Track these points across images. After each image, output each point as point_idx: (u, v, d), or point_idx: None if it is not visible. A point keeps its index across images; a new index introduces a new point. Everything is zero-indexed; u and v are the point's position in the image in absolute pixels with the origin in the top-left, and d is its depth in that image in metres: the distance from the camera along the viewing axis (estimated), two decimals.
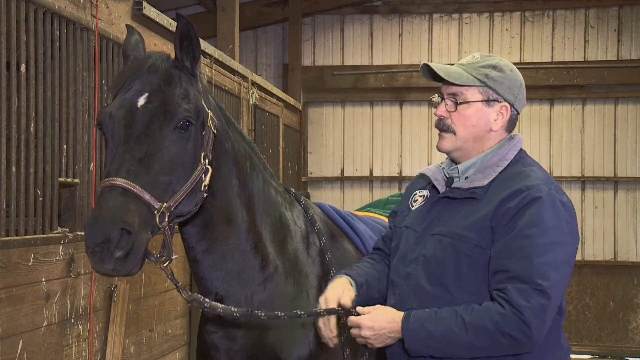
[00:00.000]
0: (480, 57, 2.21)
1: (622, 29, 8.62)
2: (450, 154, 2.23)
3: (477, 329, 1.94)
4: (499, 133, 2.19)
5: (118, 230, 1.79)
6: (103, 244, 1.78)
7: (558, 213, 2.01)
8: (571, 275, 2.10)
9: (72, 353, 3.36)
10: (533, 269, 1.93)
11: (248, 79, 6.37)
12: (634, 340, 8.37)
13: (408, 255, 2.19)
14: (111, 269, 1.82)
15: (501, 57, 2.25)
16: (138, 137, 1.97)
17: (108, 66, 3.75)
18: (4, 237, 2.89)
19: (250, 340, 2.39)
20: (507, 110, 2.18)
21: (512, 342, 1.92)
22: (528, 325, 1.90)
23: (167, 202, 1.96)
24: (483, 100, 2.16)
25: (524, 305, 1.90)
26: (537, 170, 2.13)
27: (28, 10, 3.07)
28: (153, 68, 2.08)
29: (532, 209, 1.99)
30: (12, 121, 2.98)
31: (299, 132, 8.91)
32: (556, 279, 1.94)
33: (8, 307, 2.86)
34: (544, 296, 1.91)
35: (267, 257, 2.43)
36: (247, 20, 8.62)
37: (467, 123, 2.16)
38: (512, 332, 1.91)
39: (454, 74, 2.15)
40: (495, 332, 1.92)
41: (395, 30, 9.07)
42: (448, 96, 2.19)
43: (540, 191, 2.01)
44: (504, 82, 2.17)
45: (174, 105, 2.03)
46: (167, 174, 1.98)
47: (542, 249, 1.95)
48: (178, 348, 4.74)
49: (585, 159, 8.65)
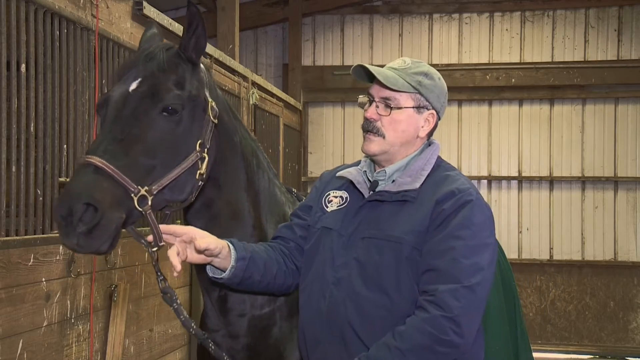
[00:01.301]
0: (412, 63, 2.22)
1: (623, 28, 8.62)
2: (376, 156, 2.22)
3: (416, 351, 1.92)
4: (422, 139, 2.24)
5: (82, 205, 1.78)
6: (67, 217, 1.78)
7: (485, 216, 2.07)
8: (571, 275, 2.12)
9: (72, 353, 3.36)
10: (464, 269, 1.95)
11: (248, 79, 6.37)
12: (634, 340, 8.37)
13: (336, 260, 2.14)
14: (75, 244, 1.81)
15: (428, 65, 2.27)
16: (122, 119, 1.98)
17: (108, 66, 3.76)
18: (4, 237, 2.90)
19: (252, 339, 2.39)
20: (434, 118, 2.22)
21: (449, 348, 1.91)
22: (459, 325, 1.90)
23: (148, 185, 1.94)
24: (414, 106, 2.18)
25: (455, 305, 1.90)
26: (460, 175, 2.19)
27: (28, 10, 3.07)
28: (151, 56, 2.10)
29: (465, 211, 2.02)
30: (12, 121, 2.98)
31: (299, 132, 8.92)
32: (484, 280, 1.98)
33: (8, 307, 2.86)
34: (474, 295, 1.93)
35: None
36: (247, 20, 8.63)
37: (397, 128, 2.17)
38: (447, 336, 1.90)
39: (391, 79, 2.16)
40: (433, 344, 1.91)
41: (395, 30, 9.07)
42: (380, 99, 2.19)
43: (471, 195, 2.06)
44: (434, 91, 2.20)
45: (163, 90, 2.04)
46: (149, 158, 1.96)
47: (472, 250, 1.98)
48: (178, 348, 4.74)
49: (586, 159, 8.65)
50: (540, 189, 8.74)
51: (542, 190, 8.73)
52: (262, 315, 2.39)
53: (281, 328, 2.42)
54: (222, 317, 2.38)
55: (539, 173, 8.74)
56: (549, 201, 8.70)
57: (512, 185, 8.81)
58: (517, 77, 8.69)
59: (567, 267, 8.52)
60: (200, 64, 2.22)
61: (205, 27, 2.12)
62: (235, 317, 2.37)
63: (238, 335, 2.39)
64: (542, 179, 8.71)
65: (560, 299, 8.51)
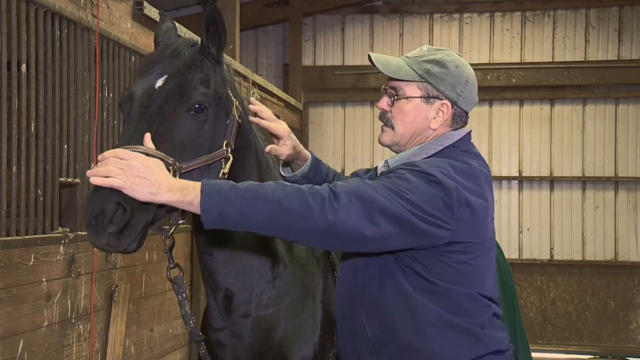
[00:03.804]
0: (428, 51, 2.13)
1: (623, 28, 8.62)
2: (390, 148, 2.20)
3: (290, 197, 1.78)
4: (439, 131, 2.14)
5: (113, 204, 1.76)
6: (97, 217, 1.77)
7: (425, 183, 1.89)
8: (572, 275, 2.10)
9: (73, 353, 3.36)
10: (374, 188, 1.86)
11: (249, 79, 6.37)
12: (634, 341, 8.37)
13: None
14: (105, 243, 1.79)
15: (451, 52, 2.16)
16: (150, 116, 1.96)
17: (109, 66, 3.76)
18: (5, 237, 2.90)
19: (256, 339, 2.39)
20: (448, 108, 2.11)
21: (318, 209, 1.76)
22: (337, 197, 1.78)
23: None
24: (422, 96, 2.09)
25: (342, 188, 1.81)
26: (448, 166, 1.98)
27: (29, 10, 3.07)
28: (176, 52, 2.08)
29: (404, 170, 1.94)
30: (13, 121, 2.98)
31: (300, 132, 8.91)
32: (382, 208, 1.82)
33: (9, 306, 2.86)
34: (365, 198, 1.81)
35: (277, 255, 2.43)
36: (248, 20, 8.62)
37: (405, 119, 2.11)
38: (321, 199, 1.77)
39: (392, 67, 2.09)
40: (307, 196, 1.77)
41: (395, 30, 9.07)
42: (389, 90, 2.14)
43: (417, 166, 1.94)
44: (445, 79, 2.09)
45: (191, 88, 2.03)
46: (177, 156, 1.95)
47: (390, 189, 1.86)
48: (179, 348, 4.74)
49: (586, 159, 8.65)
50: (540, 189, 8.74)
51: (543, 190, 8.73)
52: (267, 316, 2.38)
53: (285, 329, 2.42)
54: (227, 316, 2.38)
55: (539, 173, 8.74)
56: (550, 201, 8.70)
57: (513, 185, 8.81)
58: (517, 77, 8.69)
59: (567, 267, 8.52)
60: (223, 61, 2.21)
61: (224, 23, 2.11)
62: (239, 317, 2.36)
63: (242, 335, 2.39)
64: (543, 179, 8.71)
65: (560, 299, 8.51)
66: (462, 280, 2.01)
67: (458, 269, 1.99)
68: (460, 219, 1.92)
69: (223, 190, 1.74)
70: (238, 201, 1.74)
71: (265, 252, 2.38)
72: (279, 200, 1.75)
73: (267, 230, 1.79)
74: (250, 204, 1.74)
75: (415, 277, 1.99)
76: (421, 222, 1.85)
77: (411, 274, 2.00)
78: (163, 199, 1.74)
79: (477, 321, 2.03)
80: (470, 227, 1.97)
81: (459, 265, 1.99)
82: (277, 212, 1.75)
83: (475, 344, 2.00)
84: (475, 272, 2.05)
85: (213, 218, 1.74)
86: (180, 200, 1.74)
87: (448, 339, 1.98)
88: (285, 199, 1.76)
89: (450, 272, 1.99)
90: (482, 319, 2.05)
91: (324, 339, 2.47)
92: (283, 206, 1.75)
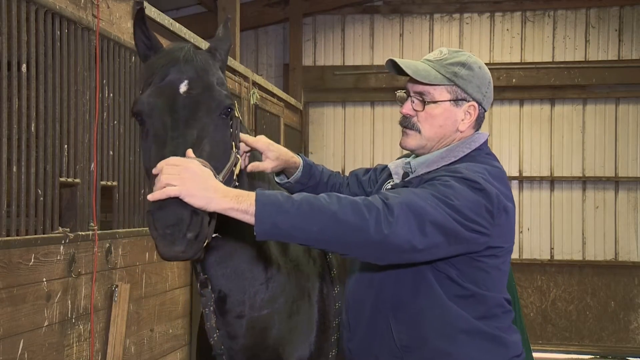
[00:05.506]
0: (449, 53, 2.13)
1: (623, 28, 8.62)
2: (415, 151, 2.19)
3: (345, 209, 1.77)
4: (465, 133, 2.15)
5: (189, 212, 1.75)
6: (175, 226, 1.74)
7: (472, 191, 1.91)
8: (572, 275, 2.11)
9: (73, 353, 3.36)
10: (422, 197, 1.86)
11: (249, 79, 6.37)
12: (634, 341, 8.37)
13: None
14: (181, 251, 1.77)
15: (470, 54, 2.17)
16: (187, 122, 1.95)
17: (109, 66, 3.76)
18: (5, 237, 2.89)
19: (251, 340, 2.39)
20: (475, 110, 2.12)
21: (373, 222, 1.75)
22: (392, 211, 1.77)
23: None
24: (451, 99, 2.10)
25: (395, 200, 1.81)
26: (477, 169, 2.01)
27: (29, 10, 3.07)
28: (188, 56, 2.08)
29: (447, 177, 1.94)
30: (13, 121, 2.98)
31: (300, 132, 8.92)
32: (428, 215, 1.83)
33: (9, 307, 2.86)
34: (416, 209, 1.81)
35: (270, 256, 2.43)
36: (248, 20, 8.63)
37: (434, 123, 2.11)
38: (375, 211, 1.76)
39: (422, 72, 2.08)
40: (362, 209, 1.76)
41: (396, 30, 9.07)
42: (415, 94, 2.13)
43: (460, 172, 1.95)
44: (472, 81, 2.10)
45: (217, 92, 2.04)
46: (214, 160, 1.95)
47: (437, 197, 1.87)
48: (179, 348, 4.73)
49: (586, 159, 8.65)
50: (541, 189, 8.74)
51: (543, 190, 8.73)
52: (261, 317, 2.38)
53: (280, 330, 2.42)
54: (221, 317, 2.38)
55: (539, 173, 8.74)
56: (550, 201, 8.70)
57: (513, 185, 8.81)
58: (517, 77, 8.69)
59: (567, 267, 8.52)
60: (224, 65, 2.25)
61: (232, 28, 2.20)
62: (234, 318, 2.36)
63: (236, 336, 2.39)
64: (543, 179, 8.71)
65: (561, 299, 8.51)
66: (492, 286, 2.04)
67: (490, 273, 2.02)
68: (498, 224, 1.95)
69: (278, 201, 1.72)
70: (294, 212, 1.72)
71: (257, 254, 2.38)
72: (335, 213, 1.74)
73: (319, 241, 1.78)
74: (306, 216, 1.73)
75: (449, 284, 2.01)
76: (465, 230, 1.86)
77: (445, 280, 2.01)
78: (219, 206, 1.71)
79: (503, 326, 2.06)
80: (504, 232, 2.01)
81: (491, 270, 2.02)
82: (332, 224, 1.74)
83: (501, 349, 2.04)
84: (502, 277, 2.08)
85: (266, 228, 1.72)
86: (235, 207, 1.71)
87: (478, 345, 2.00)
88: (340, 211, 1.75)
89: (482, 277, 2.01)
90: (506, 324, 2.08)
91: (320, 339, 2.47)
92: (338, 218, 1.74)
